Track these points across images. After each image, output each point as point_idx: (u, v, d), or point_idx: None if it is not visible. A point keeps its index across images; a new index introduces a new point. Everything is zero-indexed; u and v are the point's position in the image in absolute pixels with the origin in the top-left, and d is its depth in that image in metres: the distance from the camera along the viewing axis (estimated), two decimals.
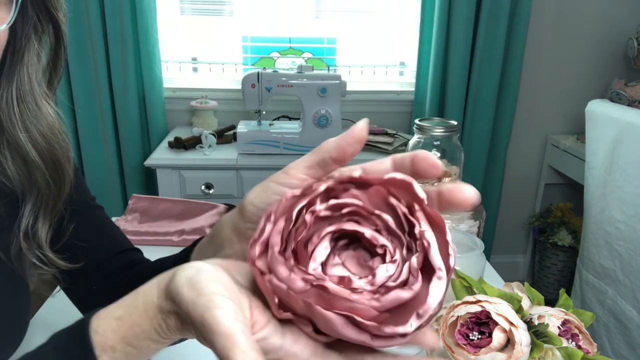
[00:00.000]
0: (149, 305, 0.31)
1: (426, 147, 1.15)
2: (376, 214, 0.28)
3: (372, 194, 0.29)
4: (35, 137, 0.48)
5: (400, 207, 0.28)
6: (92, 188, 2.18)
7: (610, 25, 2.19)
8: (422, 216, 0.28)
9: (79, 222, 0.58)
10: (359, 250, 0.29)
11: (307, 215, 0.28)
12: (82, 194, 0.64)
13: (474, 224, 0.91)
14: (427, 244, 0.27)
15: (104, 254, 0.63)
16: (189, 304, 0.27)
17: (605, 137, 1.46)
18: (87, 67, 1.97)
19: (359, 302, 0.26)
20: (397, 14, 2.22)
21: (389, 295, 0.26)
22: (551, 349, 0.56)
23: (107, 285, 0.62)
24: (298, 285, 0.26)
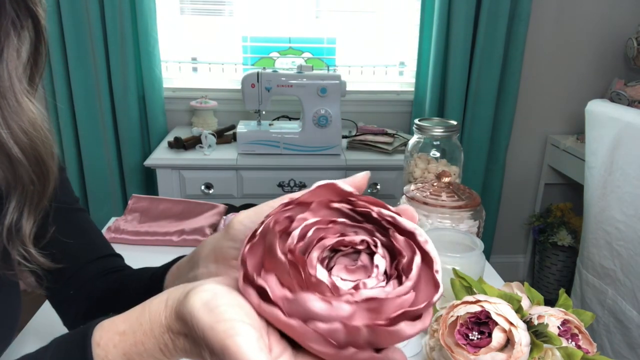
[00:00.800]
0: (155, 324, 0.31)
1: (426, 147, 1.15)
2: (332, 220, 0.30)
3: (315, 208, 0.31)
4: (17, 133, 0.47)
5: (343, 205, 0.31)
6: (92, 188, 2.18)
7: (610, 25, 2.19)
8: (364, 203, 0.31)
9: (59, 225, 0.57)
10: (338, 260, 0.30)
11: (287, 255, 0.28)
12: (65, 195, 0.62)
13: (474, 224, 0.91)
14: (392, 218, 0.30)
15: (83, 259, 0.62)
16: (207, 329, 0.27)
17: (605, 137, 1.46)
18: (87, 67, 1.97)
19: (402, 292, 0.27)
20: (397, 14, 2.22)
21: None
22: (551, 349, 0.56)
23: (85, 291, 0.61)
24: (345, 311, 0.26)
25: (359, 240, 0.30)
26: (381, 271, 0.29)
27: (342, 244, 0.30)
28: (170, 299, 0.31)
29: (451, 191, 0.92)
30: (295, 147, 1.82)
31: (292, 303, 0.27)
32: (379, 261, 0.29)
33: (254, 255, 0.30)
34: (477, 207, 0.91)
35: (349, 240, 0.30)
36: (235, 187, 1.83)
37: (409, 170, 1.17)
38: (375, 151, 1.90)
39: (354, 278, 0.29)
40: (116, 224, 1.11)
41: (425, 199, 0.91)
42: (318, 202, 0.31)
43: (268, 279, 0.28)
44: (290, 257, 0.28)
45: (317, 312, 0.26)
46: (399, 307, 0.27)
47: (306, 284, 0.27)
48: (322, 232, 0.30)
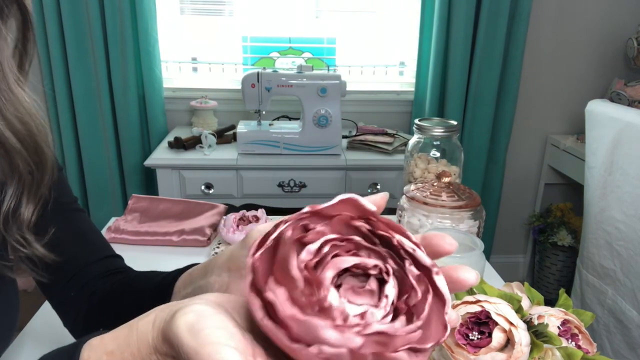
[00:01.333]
0: (142, 344, 0.31)
1: (426, 147, 1.15)
2: (347, 238, 0.29)
3: (334, 223, 0.30)
4: (13, 123, 0.46)
5: (363, 225, 0.30)
6: (92, 188, 2.18)
7: (610, 25, 2.19)
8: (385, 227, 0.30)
9: (58, 225, 0.56)
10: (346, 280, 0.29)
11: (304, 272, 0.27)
12: (63, 195, 0.62)
13: (474, 224, 0.91)
14: (412, 250, 0.29)
15: (83, 260, 0.61)
16: (191, 352, 0.27)
17: (605, 137, 1.46)
18: (87, 67, 1.97)
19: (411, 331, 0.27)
20: (397, 14, 2.22)
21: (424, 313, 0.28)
22: (551, 349, 0.56)
23: (86, 293, 0.61)
24: (356, 342, 0.26)
25: (372, 265, 0.29)
26: (389, 302, 0.28)
27: (356, 267, 0.29)
28: (157, 319, 0.31)
29: (451, 191, 0.92)
30: (295, 147, 1.82)
31: (300, 325, 0.26)
32: (390, 292, 0.28)
33: (264, 262, 0.29)
34: (477, 207, 0.91)
35: (363, 264, 0.29)
36: (235, 187, 1.83)
37: (409, 170, 1.17)
38: (375, 151, 1.90)
39: (360, 302, 0.28)
40: (116, 224, 1.11)
41: (425, 199, 0.91)
42: (338, 218, 0.30)
43: (277, 292, 0.27)
44: (306, 274, 0.27)
45: (328, 340, 0.26)
46: (406, 343, 0.27)
47: (317, 305, 0.27)
48: (337, 249, 0.29)
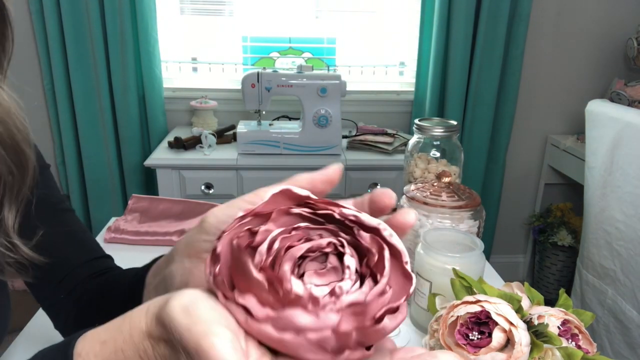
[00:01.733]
0: (135, 330, 0.31)
1: (426, 147, 1.15)
2: (295, 227, 0.30)
3: (275, 217, 0.30)
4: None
5: (303, 210, 0.31)
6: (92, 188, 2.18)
7: (610, 25, 2.19)
8: (324, 205, 0.31)
9: (46, 227, 0.55)
10: (307, 266, 0.30)
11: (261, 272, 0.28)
12: (50, 195, 0.60)
13: (474, 224, 0.91)
14: (354, 217, 0.30)
15: (73, 262, 0.60)
16: (184, 331, 0.27)
17: (605, 137, 1.46)
18: (87, 67, 1.97)
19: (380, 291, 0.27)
20: (397, 14, 2.22)
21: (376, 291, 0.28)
22: (551, 349, 0.56)
23: (75, 294, 0.60)
24: (334, 319, 0.27)
25: (325, 243, 0.29)
26: (353, 271, 0.28)
27: (310, 251, 0.29)
28: (151, 306, 0.31)
29: (451, 191, 0.92)
30: (295, 147, 1.82)
31: (277, 321, 0.27)
32: (349, 261, 0.29)
33: (223, 273, 0.30)
34: (477, 207, 0.91)
35: (316, 246, 0.29)
36: (235, 187, 1.83)
37: (409, 170, 1.17)
38: (375, 151, 1.90)
39: (327, 281, 0.29)
40: (116, 224, 1.11)
41: (425, 199, 0.91)
42: (277, 211, 0.30)
43: (247, 299, 0.28)
44: (265, 275, 0.28)
45: (306, 326, 0.26)
46: (381, 306, 0.27)
47: (285, 300, 0.27)
48: (288, 241, 0.29)
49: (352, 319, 0.27)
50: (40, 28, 1.93)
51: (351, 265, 0.29)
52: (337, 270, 0.29)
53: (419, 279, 0.79)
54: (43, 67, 2.00)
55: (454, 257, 0.75)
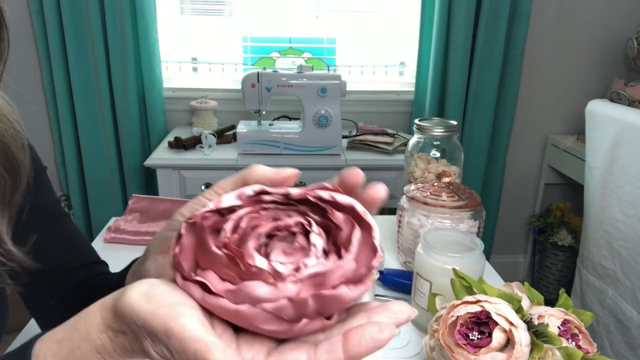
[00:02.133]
0: (91, 325, 0.31)
1: (426, 147, 1.15)
2: (263, 207, 0.31)
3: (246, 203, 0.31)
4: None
5: (276, 196, 0.31)
6: (92, 188, 2.18)
7: (610, 25, 2.19)
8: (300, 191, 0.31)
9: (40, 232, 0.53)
10: (275, 245, 0.30)
11: (223, 249, 0.28)
12: (45, 199, 0.59)
13: (474, 224, 0.91)
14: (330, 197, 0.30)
15: (65, 269, 0.59)
16: (148, 316, 0.27)
17: (605, 137, 1.46)
18: (87, 67, 1.97)
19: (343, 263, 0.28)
20: (397, 14, 2.22)
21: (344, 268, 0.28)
22: (551, 349, 0.56)
23: (66, 301, 0.58)
24: (292, 290, 0.27)
25: (293, 222, 0.30)
26: (319, 249, 0.29)
27: (277, 229, 0.30)
28: (107, 299, 0.31)
29: (451, 191, 0.92)
30: (295, 147, 1.82)
31: (236, 294, 0.27)
32: (316, 240, 0.29)
33: (186, 255, 0.30)
34: (477, 207, 0.91)
35: (283, 225, 0.30)
36: None
37: (409, 170, 1.17)
38: (375, 151, 1.90)
39: (293, 260, 0.29)
40: (116, 224, 1.11)
41: (425, 199, 0.91)
42: (247, 197, 0.31)
43: (207, 276, 0.28)
44: (226, 251, 0.28)
45: (264, 297, 0.27)
46: (341, 277, 0.27)
47: (247, 275, 0.27)
48: (256, 221, 0.30)
49: (310, 289, 0.27)
50: (40, 28, 1.93)
51: (317, 243, 0.29)
52: (305, 250, 0.29)
53: (419, 279, 0.79)
54: (43, 67, 2.00)
55: (454, 257, 0.75)
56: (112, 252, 1.06)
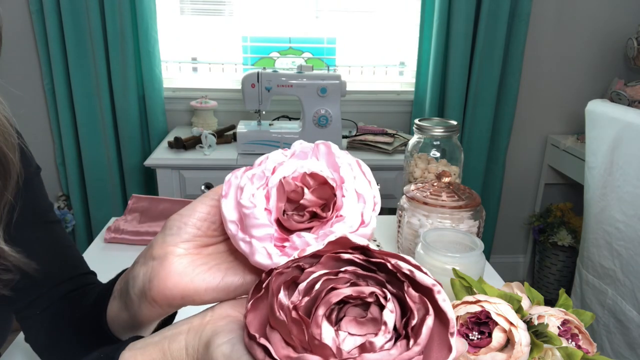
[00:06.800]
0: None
1: (426, 147, 1.15)
2: (342, 270, 0.30)
3: (324, 262, 0.30)
4: None
5: (356, 256, 0.30)
6: (91, 188, 2.17)
7: (610, 25, 2.19)
8: (380, 255, 0.30)
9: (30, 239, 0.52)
10: (348, 311, 0.30)
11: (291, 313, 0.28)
12: (38, 204, 0.57)
13: (474, 224, 0.91)
14: (409, 272, 0.29)
15: (53, 279, 0.57)
16: None
17: (605, 137, 1.46)
18: (87, 67, 1.97)
19: (408, 357, 0.27)
20: (397, 14, 2.22)
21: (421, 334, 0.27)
22: (551, 349, 0.56)
23: (51, 310, 0.57)
24: None
25: (367, 292, 0.29)
26: (390, 328, 0.28)
27: (351, 298, 0.29)
28: (189, 347, 0.34)
29: (451, 191, 0.92)
30: None
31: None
32: (388, 317, 0.28)
33: (259, 310, 0.30)
34: (477, 207, 0.91)
35: (356, 294, 0.29)
36: None
37: (409, 170, 1.17)
38: (375, 151, 1.90)
39: (363, 332, 0.28)
40: (116, 224, 1.11)
41: (425, 199, 0.91)
42: (328, 255, 0.30)
43: (272, 337, 0.28)
44: (293, 316, 0.28)
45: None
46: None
47: (310, 345, 0.27)
48: (332, 283, 0.29)
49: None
50: (40, 28, 1.93)
51: (389, 322, 0.28)
52: (377, 322, 0.28)
53: None
54: (43, 67, 2.00)
55: (454, 257, 0.75)
56: (112, 252, 1.06)
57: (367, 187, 0.37)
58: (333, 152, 0.37)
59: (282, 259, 0.34)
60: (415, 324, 0.27)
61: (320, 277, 0.29)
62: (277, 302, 0.28)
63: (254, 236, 0.35)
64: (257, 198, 0.35)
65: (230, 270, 0.39)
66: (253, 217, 0.35)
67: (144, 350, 0.34)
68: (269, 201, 0.36)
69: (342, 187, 0.35)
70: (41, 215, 0.58)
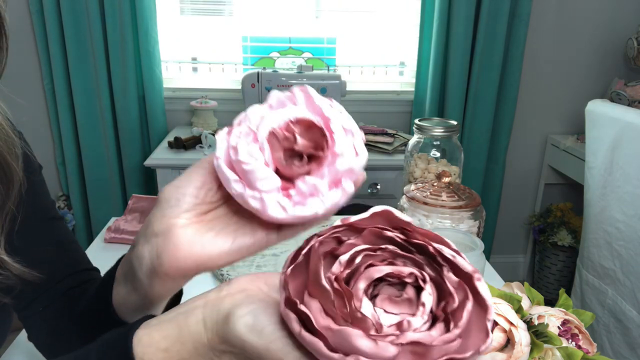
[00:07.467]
0: (199, 344, 0.33)
1: (426, 147, 1.15)
2: (382, 247, 0.30)
3: (366, 235, 0.30)
4: None
5: (397, 235, 0.30)
6: (92, 188, 2.17)
7: (610, 25, 2.19)
8: (422, 237, 0.30)
9: (32, 237, 0.52)
10: (382, 289, 0.29)
11: (334, 284, 0.28)
12: (40, 201, 0.57)
13: (474, 224, 0.91)
14: (451, 257, 0.29)
15: (56, 276, 0.57)
16: (262, 351, 0.30)
17: (605, 137, 1.46)
18: (87, 67, 1.97)
19: (449, 339, 0.26)
20: (397, 14, 2.22)
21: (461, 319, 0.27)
22: (551, 349, 0.56)
23: (54, 308, 0.57)
24: (391, 352, 0.26)
25: (407, 272, 0.29)
26: (427, 310, 0.28)
27: (390, 276, 0.29)
28: (208, 321, 0.33)
29: (451, 191, 0.92)
30: None
31: (335, 335, 0.27)
32: (426, 299, 0.28)
33: (297, 277, 0.30)
34: (477, 207, 0.91)
35: (397, 273, 0.29)
36: None
37: (409, 170, 1.17)
38: (375, 151, 1.90)
39: (398, 311, 0.28)
40: (116, 224, 1.11)
41: (425, 199, 0.91)
42: (370, 229, 0.30)
43: (311, 305, 0.28)
44: (336, 286, 0.27)
45: (362, 350, 0.26)
46: (443, 353, 0.26)
47: (350, 317, 0.27)
48: (370, 259, 0.29)
49: (409, 356, 0.26)
50: (40, 28, 1.93)
51: (427, 303, 0.28)
52: (412, 304, 0.28)
53: None
54: (43, 67, 2.00)
55: None
56: (112, 252, 1.06)
57: (350, 121, 0.37)
58: (311, 95, 0.37)
59: (297, 210, 0.34)
60: (455, 307, 0.27)
61: (362, 251, 0.29)
62: (322, 270, 0.28)
63: (262, 190, 0.35)
64: (254, 152, 0.35)
65: (239, 231, 0.38)
66: (256, 171, 0.35)
67: (159, 327, 0.34)
68: (264, 154, 0.36)
69: (329, 126, 0.36)
70: (43, 212, 0.58)
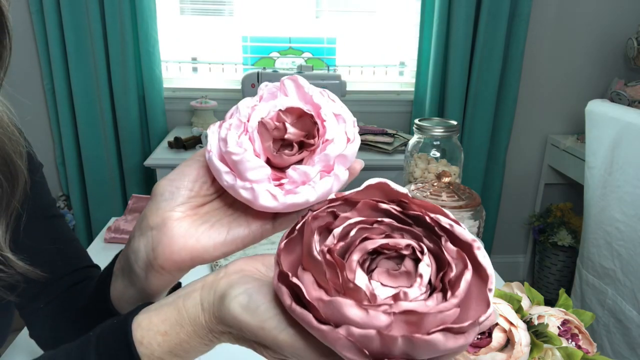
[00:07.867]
0: (197, 326, 0.33)
1: (426, 147, 1.15)
2: (378, 220, 0.29)
3: (360, 208, 0.30)
4: None
5: (393, 207, 0.30)
6: (92, 188, 2.18)
7: (610, 25, 2.19)
8: (419, 208, 0.30)
9: (34, 234, 0.52)
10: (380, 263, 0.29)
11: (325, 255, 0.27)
12: (40, 199, 0.57)
13: (474, 224, 0.91)
14: (449, 226, 0.29)
15: (57, 273, 0.57)
16: (257, 330, 0.30)
17: (605, 137, 1.46)
18: (87, 67, 1.97)
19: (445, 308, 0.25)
20: (397, 14, 2.22)
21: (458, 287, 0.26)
22: (551, 348, 0.56)
23: (55, 304, 0.57)
24: (382, 321, 0.25)
25: (404, 244, 0.28)
26: (425, 281, 0.27)
27: (385, 248, 0.28)
28: (205, 302, 0.33)
29: (451, 191, 0.92)
30: None
31: (327, 305, 0.26)
32: (424, 270, 0.27)
33: (291, 251, 0.29)
34: (477, 207, 0.91)
35: (392, 244, 0.28)
36: None
37: (409, 170, 1.17)
38: (375, 151, 1.90)
39: (396, 284, 0.28)
40: (116, 224, 1.11)
41: (425, 199, 0.91)
42: (365, 202, 0.30)
43: (304, 278, 0.28)
44: (328, 258, 0.27)
45: (353, 319, 0.25)
46: (440, 323, 0.25)
47: (343, 288, 0.27)
48: (366, 232, 0.29)
49: (403, 326, 0.25)
50: (40, 28, 1.93)
51: (424, 274, 0.27)
52: (410, 276, 0.28)
53: None
54: (43, 67, 2.00)
55: None
56: (112, 252, 1.05)
57: (341, 108, 0.37)
58: (301, 84, 0.38)
59: (289, 198, 0.34)
60: (453, 277, 0.27)
61: (356, 224, 0.29)
62: (314, 242, 0.28)
63: (253, 180, 0.35)
64: (244, 143, 0.36)
65: (234, 223, 0.39)
66: (245, 161, 0.35)
67: (158, 311, 0.35)
68: (254, 145, 0.36)
69: (320, 114, 0.36)
70: (44, 210, 0.58)
